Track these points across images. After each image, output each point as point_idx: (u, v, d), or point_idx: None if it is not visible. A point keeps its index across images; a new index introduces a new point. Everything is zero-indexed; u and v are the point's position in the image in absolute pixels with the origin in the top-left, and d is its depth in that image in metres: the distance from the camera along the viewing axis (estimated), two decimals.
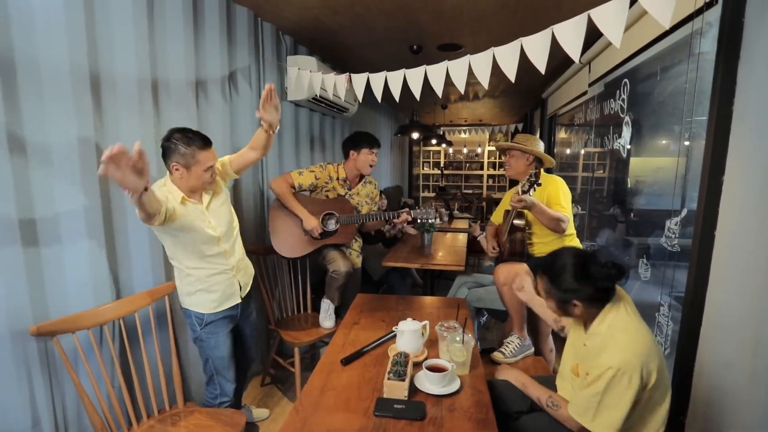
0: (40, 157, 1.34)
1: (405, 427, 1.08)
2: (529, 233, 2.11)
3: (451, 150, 8.92)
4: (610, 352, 1.15)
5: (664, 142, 2.05)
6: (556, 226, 1.93)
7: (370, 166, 2.42)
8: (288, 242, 2.27)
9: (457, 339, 1.35)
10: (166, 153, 1.49)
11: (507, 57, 1.48)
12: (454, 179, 9.06)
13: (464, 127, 7.52)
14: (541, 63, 1.41)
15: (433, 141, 5.26)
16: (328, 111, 3.27)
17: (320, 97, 2.75)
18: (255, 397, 2.38)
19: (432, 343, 1.55)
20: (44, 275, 1.36)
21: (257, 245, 2.41)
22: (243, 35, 2.30)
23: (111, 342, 1.49)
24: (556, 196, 2.01)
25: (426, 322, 1.51)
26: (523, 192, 1.85)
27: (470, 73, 1.60)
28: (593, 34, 1.32)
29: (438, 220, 2.53)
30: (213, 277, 1.61)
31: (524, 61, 1.46)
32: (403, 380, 1.20)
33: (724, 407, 1.41)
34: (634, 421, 1.18)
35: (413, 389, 1.24)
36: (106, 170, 1.06)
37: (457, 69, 1.62)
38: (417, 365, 1.36)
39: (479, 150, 8.84)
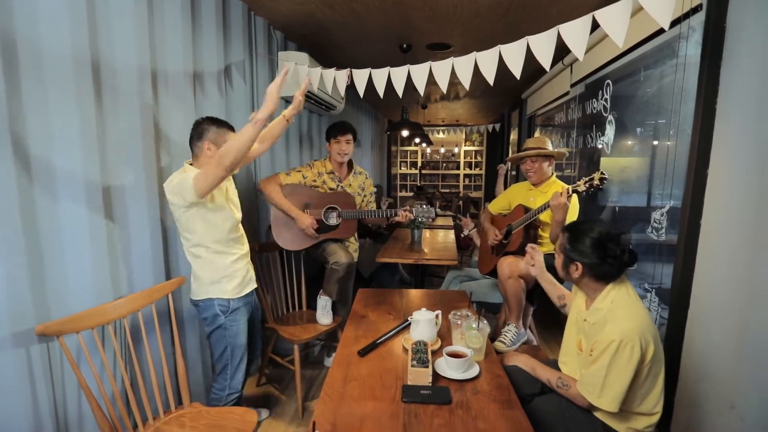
0: (41, 153, 1.27)
1: (435, 411, 1.11)
2: (540, 233, 2.18)
3: (428, 150, 9.04)
4: (612, 326, 1.24)
5: (647, 139, 2.18)
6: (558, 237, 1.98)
7: (339, 153, 2.41)
8: (289, 235, 2.26)
9: (473, 326, 1.39)
10: (200, 134, 1.58)
11: (513, 54, 1.54)
12: (431, 179, 9.19)
13: (441, 127, 7.65)
14: (546, 61, 1.48)
15: (417, 140, 5.32)
16: (316, 108, 3.26)
17: (310, 93, 2.74)
18: (252, 397, 2.33)
19: (442, 333, 1.58)
20: (46, 275, 1.29)
21: (251, 242, 2.37)
22: (237, 29, 2.26)
23: (115, 341, 1.43)
24: (570, 213, 2.01)
25: (439, 311, 1.55)
26: (575, 191, 1.81)
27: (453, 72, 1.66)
28: None
29: (430, 219, 2.57)
30: (234, 264, 1.69)
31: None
32: (427, 366, 1.23)
33: (711, 386, 1.51)
34: (636, 397, 1.26)
35: (434, 375, 1.27)
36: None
37: (464, 65, 1.66)
38: (433, 354, 1.39)
39: (456, 150, 9.01)
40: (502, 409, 1.12)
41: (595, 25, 1.40)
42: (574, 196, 2.03)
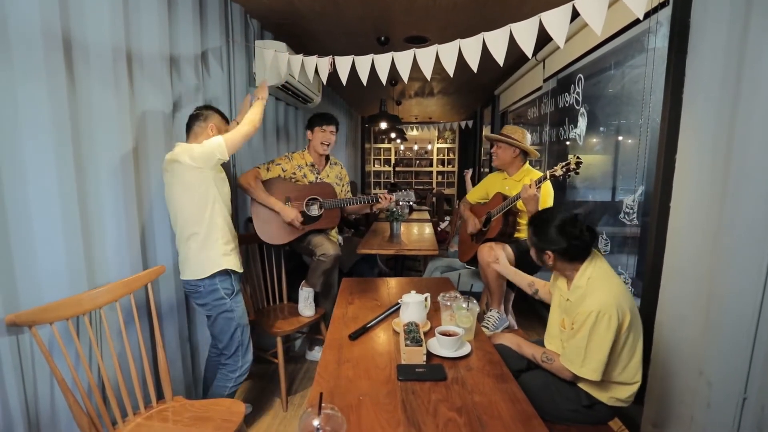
0: (8, 131, 1.18)
1: (432, 387, 1.12)
2: (518, 219, 2.24)
3: (402, 147, 9.10)
4: (590, 299, 1.31)
5: (618, 129, 2.29)
6: None
7: (322, 143, 2.39)
8: (272, 229, 2.22)
9: (463, 305, 1.42)
10: (206, 117, 1.71)
11: (497, 42, 1.58)
12: (405, 176, 9.25)
13: (415, 124, 7.72)
14: (528, 48, 1.53)
15: (392, 135, 5.34)
16: (293, 100, 3.21)
17: (288, 84, 2.70)
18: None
19: (430, 316, 1.60)
20: (15, 262, 1.21)
21: None
22: (214, 15, 2.19)
23: (91, 333, 1.35)
24: (544, 200, 2.11)
25: (427, 294, 1.56)
26: (552, 176, 1.87)
27: (437, 62, 1.69)
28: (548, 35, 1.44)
29: (411, 202, 2.59)
30: (235, 240, 1.77)
31: (484, 57, 1.57)
32: (421, 345, 1.24)
33: (682, 353, 1.61)
34: (617, 366, 1.33)
35: (427, 355, 1.28)
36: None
37: (448, 53, 1.69)
38: (424, 335, 1.40)
39: (429, 147, 9.12)
40: (497, 383, 1.15)
41: (571, 18, 1.45)
42: (547, 185, 2.12)
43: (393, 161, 9.14)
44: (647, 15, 1.78)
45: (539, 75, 3.22)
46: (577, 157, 1.79)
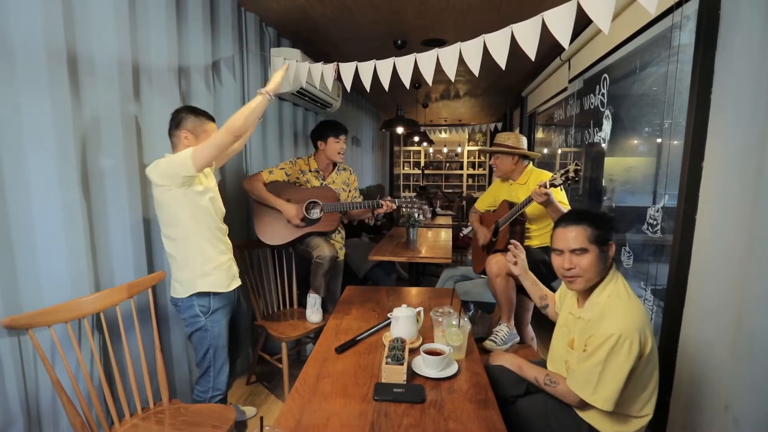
0: (12, 139, 1.25)
1: (406, 410, 1.07)
2: (528, 226, 2.14)
3: (431, 150, 8.99)
4: (610, 320, 1.17)
5: (643, 133, 2.12)
6: None
7: (339, 153, 2.42)
8: (271, 230, 2.25)
9: (454, 323, 1.35)
10: (178, 123, 1.58)
11: (498, 44, 1.50)
12: (434, 179, 9.13)
13: (444, 127, 7.60)
14: (531, 50, 1.43)
15: (416, 138, 5.28)
16: (311, 106, 3.23)
17: (304, 90, 2.72)
18: (241, 395, 2.31)
19: (426, 331, 1.54)
20: (17, 265, 1.28)
21: (241, 240, 2.36)
22: (226, 24, 2.24)
23: (91, 336, 1.41)
24: (556, 193, 2.03)
25: (420, 308, 1.50)
26: (552, 185, 1.80)
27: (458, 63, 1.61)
28: (573, 31, 1.33)
29: (422, 216, 2.52)
30: (220, 257, 1.66)
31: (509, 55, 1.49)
32: (402, 364, 1.19)
33: (706, 384, 1.45)
34: (629, 397, 1.20)
35: (411, 374, 1.23)
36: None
37: (448, 57, 1.62)
38: (413, 351, 1.35)
39: (459, 150, 8.95)
40: (477, 409, 1.08)
41: (589, 19, 1.34)
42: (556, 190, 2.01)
43: (422, 164, 9.05)
44: (671, 9, 1.63)
45: (564, 75, 3.05)
46: (576, 164, 1.70)
